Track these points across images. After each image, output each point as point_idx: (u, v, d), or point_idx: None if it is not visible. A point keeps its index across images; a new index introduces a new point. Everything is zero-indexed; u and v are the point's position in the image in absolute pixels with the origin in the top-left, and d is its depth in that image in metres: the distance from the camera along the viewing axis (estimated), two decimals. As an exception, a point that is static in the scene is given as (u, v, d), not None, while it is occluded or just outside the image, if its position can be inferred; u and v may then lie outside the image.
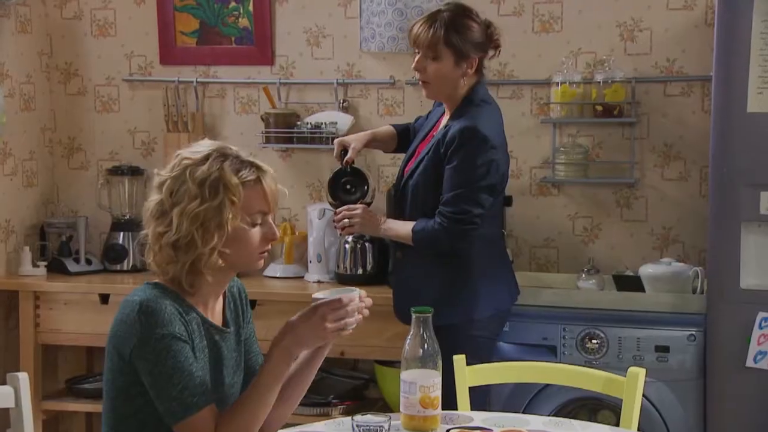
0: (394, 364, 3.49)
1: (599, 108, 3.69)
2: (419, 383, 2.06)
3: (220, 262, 1.99)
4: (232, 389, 2.11)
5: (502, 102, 3.76)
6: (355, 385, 3.82)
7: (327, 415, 3.50)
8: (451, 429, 2.12)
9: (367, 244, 3.72)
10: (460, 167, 2.95)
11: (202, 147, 2.03)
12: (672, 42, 3.71)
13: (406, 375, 2.08)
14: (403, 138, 3.34)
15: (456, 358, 2.44)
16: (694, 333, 3.18)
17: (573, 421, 2.28)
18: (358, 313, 2.02)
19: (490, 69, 3.80)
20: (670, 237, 3.75)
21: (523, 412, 3.09)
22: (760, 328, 3.06)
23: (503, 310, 3.14)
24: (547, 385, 3.15)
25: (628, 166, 3.74)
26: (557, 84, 3.71)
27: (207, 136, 4.10)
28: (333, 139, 3.89)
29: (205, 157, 1.99)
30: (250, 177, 1.99)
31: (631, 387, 2.31)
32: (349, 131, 3.95)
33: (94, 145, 4.26)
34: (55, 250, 4.09)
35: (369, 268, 3.73)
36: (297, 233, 3.96)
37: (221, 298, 2.13)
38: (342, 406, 3.62)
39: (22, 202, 4.09)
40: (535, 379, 2.61)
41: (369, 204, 3.23)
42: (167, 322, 1.93)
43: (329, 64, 4.02)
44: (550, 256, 3.87)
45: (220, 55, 4.10)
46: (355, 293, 2.02)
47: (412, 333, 2.09)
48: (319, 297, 2.02)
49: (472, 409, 2.40)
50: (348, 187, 3.27)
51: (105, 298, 3.77)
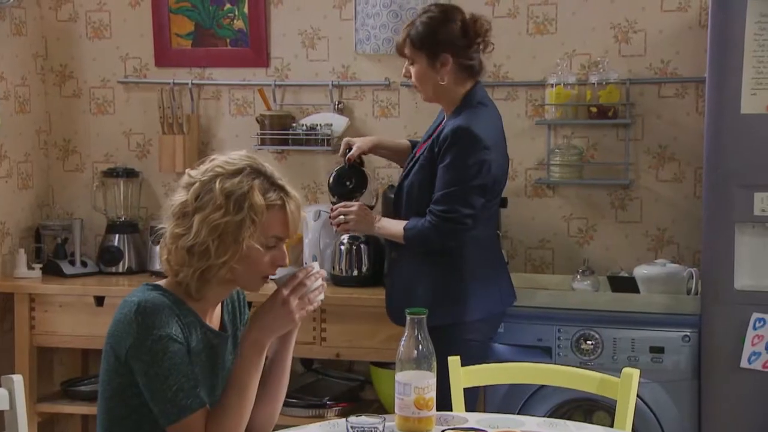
0: (390, 366, 3.50)
1: (594, 109, 3.69)
2: (414, 384, 2.07)
3: (229, 275, 2.00)
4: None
5: (497, 103, 3.76)
6: (351, 387, 3.82)
7: (322, 417, 3.50)
8: (446, 430, 2.12)
9: (362, 246, 3.72)
10: (451, 166, 2.96)
11: (237, 159, 2.02)
12: (666, 43, 3.72)
13: (401, 376, 2.09)
14: None
15: (451, 359, 2.44)
16: (688, 334, 3.18)
17: (568, 422, 2.28)
18: (322, 284, 2.03)
19: (485, 71, 3.82)
20: (665, 238, 3.76)
21: (518, 413, 3.10)
22: (755, 328, 3.06)
23: (495, 314, 3.13)
24: (542, 386, 3.16)
25: (623, 168, 3.75)
26: (552, 85, 3.71)
27: (202, 139, 4.12)
28: (328, 140, 3.92)
29: (239, 171, 1.99)
30: (277, 201, 1.99)
31: (626, 388, 2.31)
32: (344, 133, 3.96)
33: (89, 147, 4.26)
34: (50, 252, 4.09)
35: (365, 269, 3.73)
36: (292, 235, 3.96)
37: (220, 302, 2.14)
38: (337, 408, 3.62)
39: (17, 204, 4.09)
40: (530, 380, 2.61)
41: (371, 207, 3.23)
42: (164, 324, 1.93)
43: (324, 66, 4.02)
44: (545, 258, 3.87)
45: (216, 57, 4.10)
46: (311, 265, 2.02)
47: (406, 334, 2.10)
48: (275, 277, 2.03)
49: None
50: (348, 184, 3.28)
51: (100, 301, 3.77)
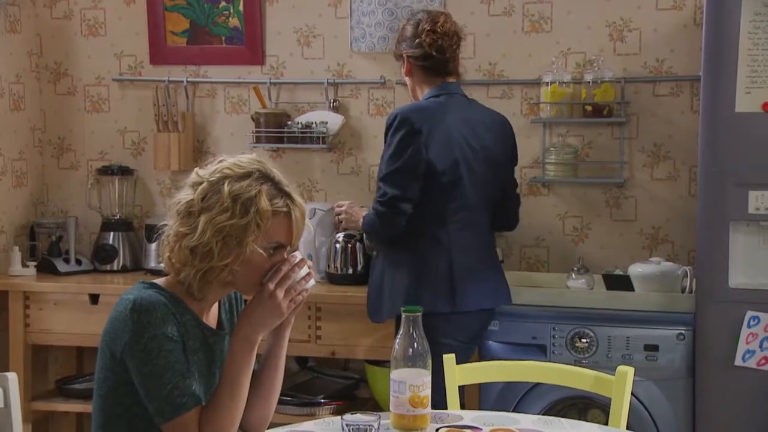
0: (385, 364, 3.49)
1: (589, 108, 3.70)
2: (409, 382, 2.07)
3: (230, 277, 2.00)
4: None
5: (492, 101, 3.78)
6: (346, 385, 3.82)
7: (317, 415, 3.49)
8: (441, 428, 2.12)
9: (357, 244, 3.72)
10: (385, 150, 3.05)
11: (246, 162, 2.02)
12: (661, 42, 3.72)
13: (396, 374, 2.09)
14: None
15: (446, 357, 2.45)
16: (683, 332, 3.19)
17: (563, 420, 2.28)
18: (308, 272, 2.03)
19: (480, 69, 3.83)
20: (659, 236, 3.76)
21: (513, 411, 3.10)
22: (749, 326, 3.07)
23: (438, 312, 2.98)
24: (536, 384, 3.16)
25: (618, 166, 3.75)
26: (547, 84, 3.72)
27: (197, 136, 4.12)
28: (324, 138, 3.91)
29: (247, 174, 1.99)
30: (283, 208, 1.99)
31: (620, 386, 2.31)
32: (339, 131, 3.96)
33: (83, 145, 4.25)
34: (44, 250, 4.08)
35: (360, 267, 3.72)
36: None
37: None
38: (332, 406, 3.62)
39: (11, 202, 4.08)
40: (524, 378, 2.61)
41: None
42: (159, 322, 1.93)
43: (320, 64, 4.02)
44: (540, 256, 3.87)
45: (211, 55, 4.10)
46: (294, 254, 2.02)
47: (401, 332, 2.10)
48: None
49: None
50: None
51: (95, 299, 3.76)
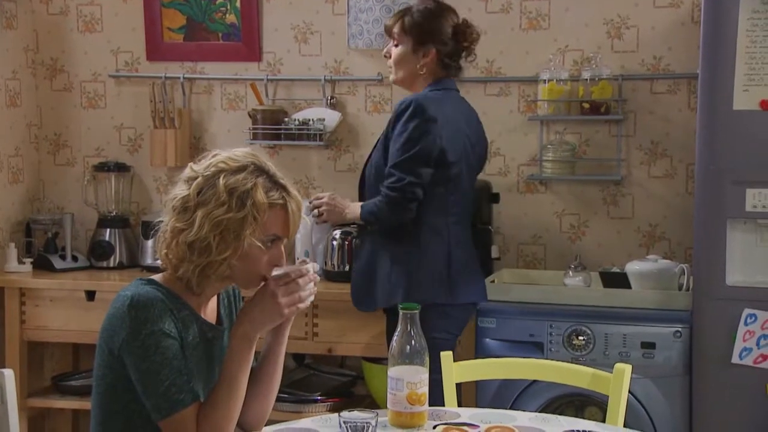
0: (382, 361, 3.49)
1: (586, 105, 3.69)
2: (406, 380, 2.06)
3: (228, 272, 2.00)
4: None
5: (490, 99, 3.79)
6: (343, 382, 3.82)
7: (314, 412, 3.49)
8: (438, 425, 2.12)
9: (355, 241, 3.71)
10: (396, 137, 3.02)
11: (240, 156, 2.02)
12: (659, 39, 3.72)
13: (393, 371, 2.09)
14: None
15: (443, 354, 2.45)
16: (680, 329, 3.19)
17: (560, 417, 2.28)
18: (314, 286, 2.03)
19: (477, 66, 3.82)
20: (657, 234, 3.76)
21: (510, 409, 3.10)
22: (746, 324, 3.07)
23: (432, 303, 2.97)
24: (533, 381, 3.16)
25: (615, 164, 3.75)
26: (544, 81, 3.71)
27: (194, 133, 4.11)
28: (321, 135, 3.90)
29: (242, 167, 1.99)
30: (279, 200, 1.99)
31: (618, 383, 2.31)
32: (336, 128, 3.95)
33: (80, 141, 4.24)
34: (40, 246, 4.07)
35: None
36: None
37: (215, 296, 2.14)
38: (329, 403, 3.62)
39: (7, 198, 4.07)
40: (521, 376, 2.61)
41: None
42: (157, 318, 1.93)
43: (317, 61, 4.01)
44: (537, 253, 3.87)
45: (207, 52, 4.09)
46: (306, 267, 2.02)
47: (399, 329, 2.09)
48: (277, 273, 2.02)
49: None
50: None
51: (91, 295, 3.76)
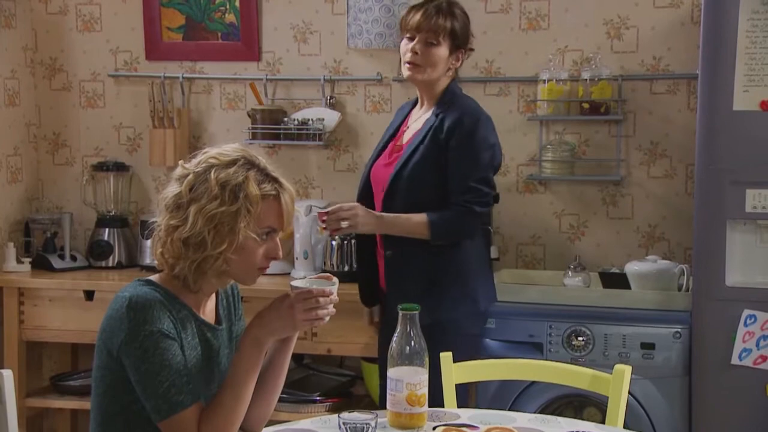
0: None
1: (586, 105, 3.69)
2: (406, 380, 2.06)
3: (225, 266, 1.99)
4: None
5: (489, 99, 3.78)
6: (342, 382, 3.82)
7: (313, 413, 3.49)
8: (438, 426, 2.12)
9: (353, 242, 3.71)
10: (472, 152, 2.97)
11: (231, 150, 2.03)
12: (658, 40, 3.72)
13: (393, 372, 2.08)
14: None
15: (443, 355, 2.44)
16: (679, 330, 3.18)
17: (559, 418, 2.28)
18: (332, 308, 2.03)
19: (477, 66, 3.82)
20: (656, 234, 3.76)
21: (509, 410, 3.10)
22: (745, 325, 3.07)
23: (480, 312, 3.13)
24: (533, 382, 3.15)
25: (615, 164, 3.75)
26: (544, 81, 3.71)
27: (193, 133, 4.11)
28: (320, 135, 3.90)
29: (233, 161, 1.99)
30: (271, 192, 2.00)
31: (617, 384, 2.31)
32: (336, 128, 3.95)
33: (79, 140, 4.24)
34: (39, 246, 4.07)
35: (356, 265, 3.71)
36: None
37: (214, 295, 2.14)
38: (328, 403, 3.61)
39: (6, 197, 4.07)
40: (521, 377, 2.61)
41: None
42: (156, 319, 1.93)
43: (316, 61, 4.01)
44: (536, 254, 3.87)
45: (207, 51, 4.09)
46: (330, 287, 2.02)
47: (399, 330, 2.09)
48: (296, 285, 2.02)
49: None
50: None
51: (90, 295, 3.76)
